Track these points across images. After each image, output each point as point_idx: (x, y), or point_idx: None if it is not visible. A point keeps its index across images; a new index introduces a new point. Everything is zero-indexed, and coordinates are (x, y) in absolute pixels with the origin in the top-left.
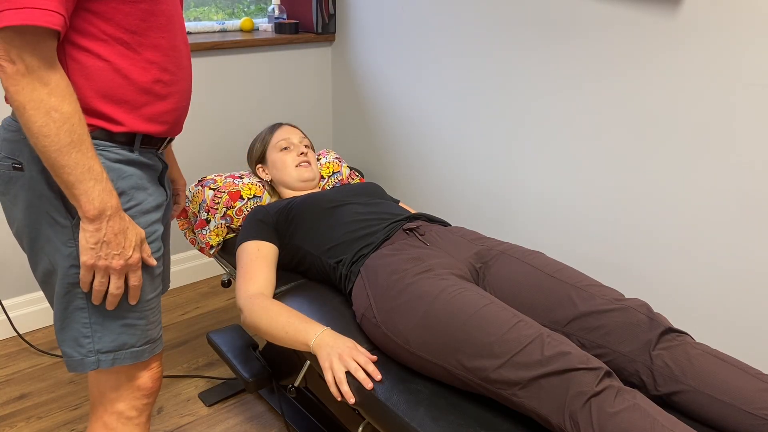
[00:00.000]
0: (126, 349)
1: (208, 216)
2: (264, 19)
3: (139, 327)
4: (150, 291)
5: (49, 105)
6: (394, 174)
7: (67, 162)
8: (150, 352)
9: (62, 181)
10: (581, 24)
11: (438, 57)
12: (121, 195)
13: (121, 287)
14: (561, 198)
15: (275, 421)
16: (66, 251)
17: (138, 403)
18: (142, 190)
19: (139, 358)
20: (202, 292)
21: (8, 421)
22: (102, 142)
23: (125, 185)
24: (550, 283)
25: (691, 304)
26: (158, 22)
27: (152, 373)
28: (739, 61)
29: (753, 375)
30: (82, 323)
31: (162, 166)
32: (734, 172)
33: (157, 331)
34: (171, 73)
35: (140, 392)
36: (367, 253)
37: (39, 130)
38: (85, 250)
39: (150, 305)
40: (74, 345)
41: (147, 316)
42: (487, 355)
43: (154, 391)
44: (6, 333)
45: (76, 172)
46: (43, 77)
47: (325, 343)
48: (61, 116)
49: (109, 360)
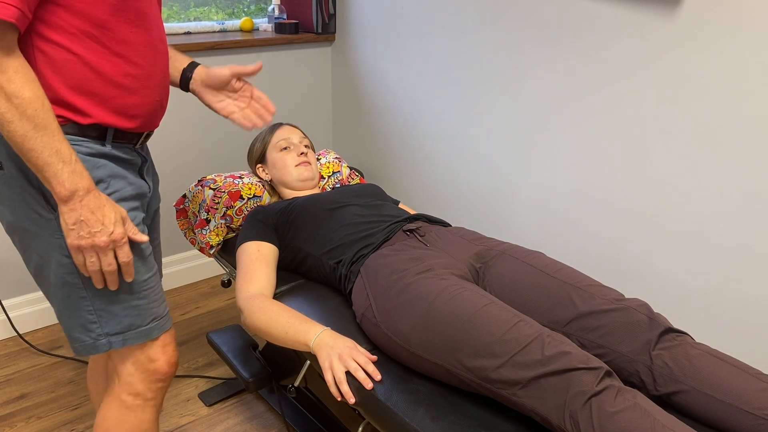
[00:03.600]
0: (134, 330)
1: (208, 216)
2: (264, 19)
3: (142, 307)
4: (145, 271)
5: (8, 91)
6: (394, 174)
7: (33, 146)
8: (159, 329)
9: (32, 165)
10: (582, 25)
11: (438, 57)
12: (99, 183)
13: (112, 264)
14: (561, 198)
15: (275, 421)
16: (55, 243)
17: (153, 386)
18: (121, 178)
19: (148, 336)
20: (202, 292)
21: (8, 421)
22: (74, 136)
23: (102, 173)
24: (550, 283)
25: (691, 304)
26: (127, 17)
27: (168, 356)
28: (739, 60)
29: (753, 375)
30: (87, 311)
31: (141, 161)
32: (734, 171)
33: (162, 308)
34: (141, 67)
35: (156, 375)
36: (367, 253)
37: (2, 117)
38: (67, 232)
39: (148, 284)
40: (83, 330)
41: (147, 295)
42: (487, 355)
43: (170, 374)
44: (6, 333)
45: (44, 155)
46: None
47: (325, 343)
48: (22, 102)
49: (119, 341)
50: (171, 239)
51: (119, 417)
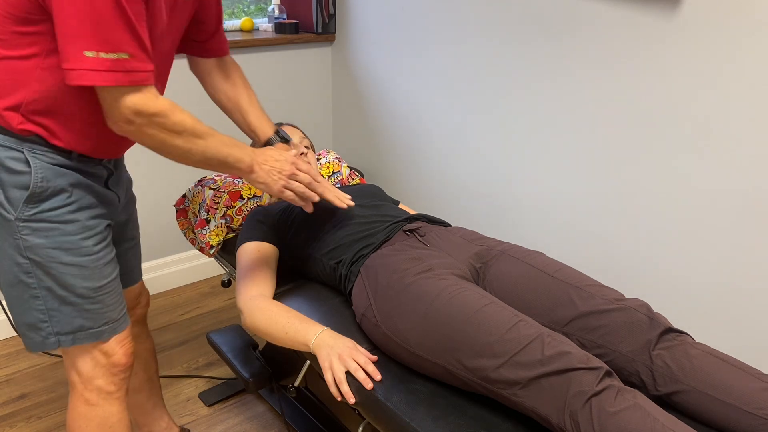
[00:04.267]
0: (84, 331)
1: (208, 216)
2: (264, 19)
3: (94, 311)
4: (99, 278)
5: (179, 129)
6: (394, 174)
7: (211, 153)
8: (111, 332)
9: (215, 164)
10: (582, 25)
11: (438, 57)
12: (61, 192)
13: (305, 177)
14: (561, 198)
15: (275, 421)
16: (13, 243)
17: (115, 378)
18: (84, 187)
19: (99, 337)
20: (202, 292)
21: (8, 421)
22: (41, 146)
23: (63, 182)
24: (550, 283)
25: (691, 304)
26: None
27: (125, 349)
28: (739, 60)
29: (753, 375)
30: (39, 310)
31: (107, 173)
32: (734, 171)
33: (118, 311)
34: None
35: (116, 368)
36: (367, 253)
37: (181, 149)
38: (268, 186)
39: (103, 291)
40: (33, 329)
41: (102, 300)
42: (487, 355)
43: (128, 366)
44: (6, 333)
45: (222, 153)
46: (161, 112)
47: (325, 343)
48: (186, 129)
49: (69, 340)
50: (171, 239)
51: (86, 414)
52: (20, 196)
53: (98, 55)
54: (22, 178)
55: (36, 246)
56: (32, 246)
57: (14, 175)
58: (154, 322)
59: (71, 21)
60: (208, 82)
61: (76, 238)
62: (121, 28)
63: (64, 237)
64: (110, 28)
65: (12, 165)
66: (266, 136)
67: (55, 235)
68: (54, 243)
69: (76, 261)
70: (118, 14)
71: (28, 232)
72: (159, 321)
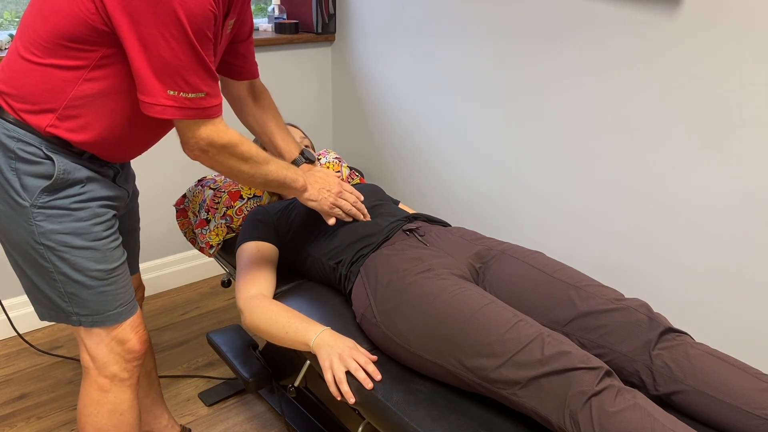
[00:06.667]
0: (102, 314)
1: (208, 216)
2: (264, 19)
3: (110, 293)
4: (110, 261)
5: (245, 156)
6: (394, 174)
7: (273, 177)
8: (127, 313)
9: (275, 186)
10: (582, 25)
11: (438, 56)
12: (77, 183)
13: (350, 196)
14: (561, 198)
15: (275, 421)
16: (28, 229)
17: (129, 365)
18: (96, 181)
19: (117, 320)
20: (202, 292)
21: (8, 421)
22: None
23: (81, 175)
24: (549, 283)
25: (691, 304)
26: None
27: (139, 336)
28: (739, 60)
29: (753, 375)
30: (58, 291)
31: (114, 172)
32: (734, 171)
33: (130, 293)
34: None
35: (130, 355)
36: (367, 253)
37: (246, 174)
38: (320, 204)
39: (115, 273)
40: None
41: (115, 282)
42: (487, 355)
43: (142, 353)
44: (6, 333)
45: (279, 176)
46: (231, 142)
47: (325, 343)
48: (252, 156)
49: (89, 322)
50: (171, 239)
51: (98, 400)
52: (38, 185)
53: (179, 94)
54: (42, 168)
55: (49, 231)
56: (45, 231)
57: (32, 165)
58: (154, 322)
59: (156, 63)
60: (238, 106)
61: (87, 224)
62: (201, 72)
63: (76, 223)
64: (191, 72)
65: (29, 157)
66: (292, 157)
67: (68, 221)
68: (66, 228)
69: (89, 245)
70: (197, 60)
71: (42, 218)
72: (159, 321)
